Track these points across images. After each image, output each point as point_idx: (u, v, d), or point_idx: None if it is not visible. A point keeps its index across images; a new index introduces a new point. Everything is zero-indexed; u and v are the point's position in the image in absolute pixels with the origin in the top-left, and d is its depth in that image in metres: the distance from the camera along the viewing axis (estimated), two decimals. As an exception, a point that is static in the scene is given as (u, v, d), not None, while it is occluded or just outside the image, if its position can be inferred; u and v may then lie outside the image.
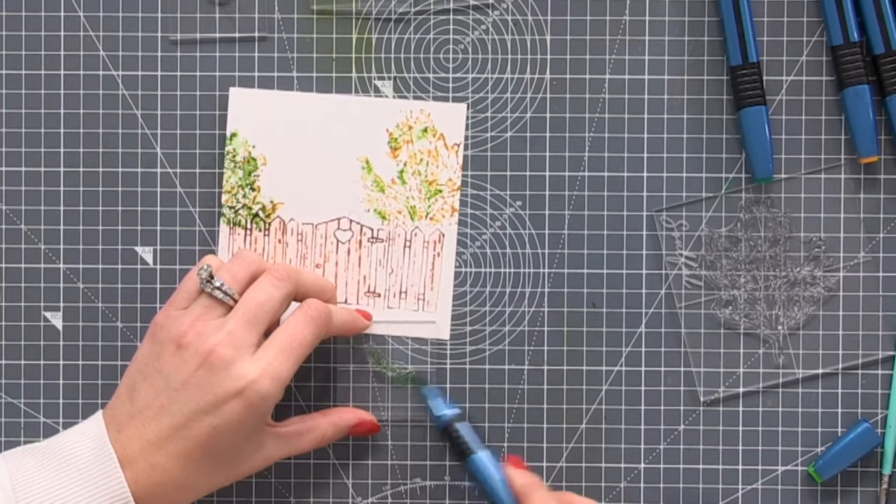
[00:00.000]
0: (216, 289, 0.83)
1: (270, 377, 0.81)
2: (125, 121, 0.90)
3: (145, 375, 0.82)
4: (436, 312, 0.90)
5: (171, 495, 0.81)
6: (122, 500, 0.79)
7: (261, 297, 0.83)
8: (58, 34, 0.90)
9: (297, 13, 0.90)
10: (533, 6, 0.90)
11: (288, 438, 0.86)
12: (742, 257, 0.90)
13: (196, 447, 0.81)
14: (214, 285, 0.83)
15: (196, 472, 0.81)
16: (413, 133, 0.90)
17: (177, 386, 0.81)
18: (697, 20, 0.90)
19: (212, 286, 0.83)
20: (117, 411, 0.82)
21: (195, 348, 0.81)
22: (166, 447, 0.80)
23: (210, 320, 0.82)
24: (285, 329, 0.83)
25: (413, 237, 0.90)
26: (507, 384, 0.91)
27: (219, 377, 0.80)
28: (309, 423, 0.87)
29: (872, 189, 0.90)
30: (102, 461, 0.80)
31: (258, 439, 0.84)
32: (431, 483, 0.91)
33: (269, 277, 0.84)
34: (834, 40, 0.89)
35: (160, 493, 0.80)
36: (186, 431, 0.81)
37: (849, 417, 0.90)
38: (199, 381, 0.81)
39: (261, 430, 0.84)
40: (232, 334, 0.82)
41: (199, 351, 0.81)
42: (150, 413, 0.81)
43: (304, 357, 0.83)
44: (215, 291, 0.83)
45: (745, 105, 0.89)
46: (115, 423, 0.82)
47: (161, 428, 0.81)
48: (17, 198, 0.90)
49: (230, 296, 0.83)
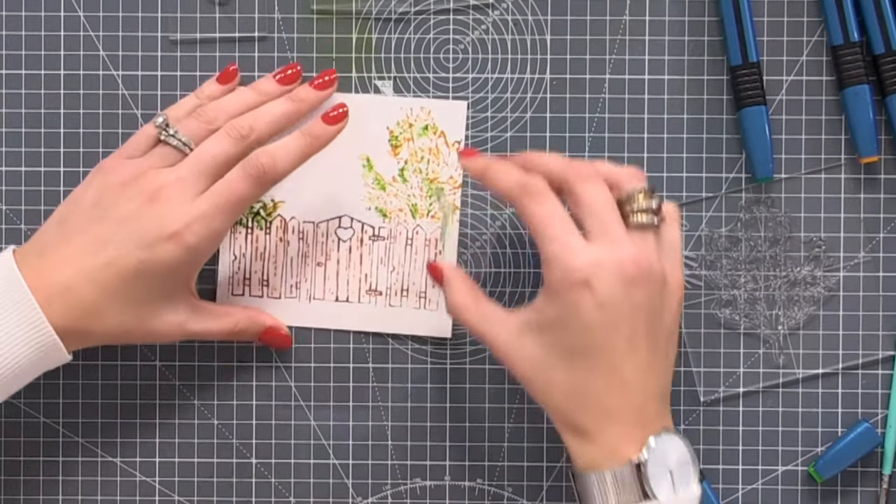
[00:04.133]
0: (171, 136, 0.84)
1: (203, 226, 0.82)
2: (125, 121, 0.90)
3: (80, 207, 0.83)
4: (438, 310, 0.90)
5: (82, 320, 0.81)
6: (34, 322, 0.80)
7: (216, 150, 0.84)
8: (58, 34, 0.90)
9: (297, 13, 0.90)
10: (533, 6, 0.90)
11: (203, 313, 0.86)
12: (742, 257, 0.90)
13: (118, 277, 0.81)
14: (170, 133, 0.84)
15: (110, 304, 0.82)
16: (414, 131, 0.90)
17: (114, 218, 0.82)
18: (697, 20, 0.90)
19: (167, 133, 0.84)
20: (42, 237, 0.83)
21: (141, 187, 0.82)
22: (89, 272, 0.81)
23: (162, 168, 0.84)
24: (223, 183, 0.83)
25: (414, 235, 0.90)
26: (507, 384, 0.91)
27: (157, 214, 0.82)
28: (226, 308, 0.88)
29: (872, 189, 0.90)
30: (12, 286, 0.80)
31: (176, 299, 0.85)
32: (431, 483, 0.91)
33: (228, 133, 0.84)
34: (834, 40, 0.89)
35: (73, 318, 0.81)
36: (113, 261, 0.81)
37: (849, 417, 0.90)
38: (138, 216, 0.82)
39: (181, 291, 0.85)
40: (181, 179, 0.83)
41: (145, 190, 0.82)
42: (79, 239, 0.82)
43: (240, 212, 0.84)
44: (170, 139, 0.84)
45: (745, 105, 0.89)
46: (38, 247, 0.83)
47: (86, 254, 0.81)
48: (17, 198, 0.90)
49: (187, 145, 0.84)
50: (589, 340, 0.78)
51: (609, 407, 0.79)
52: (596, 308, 0.78)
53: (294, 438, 0.91)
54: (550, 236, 0.79)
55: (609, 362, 0.79)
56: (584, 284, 0.78)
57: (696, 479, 0.80)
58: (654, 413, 0.80)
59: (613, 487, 0.78)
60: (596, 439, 0.79)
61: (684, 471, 0.79)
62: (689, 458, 0.79)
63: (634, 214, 0.81)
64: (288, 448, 0.91)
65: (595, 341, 0.78)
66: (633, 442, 0.78)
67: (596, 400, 0.79)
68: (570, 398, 0.80)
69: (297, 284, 0.90)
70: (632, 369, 0.79)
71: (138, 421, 0.91)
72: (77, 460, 0.91)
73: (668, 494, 0.78)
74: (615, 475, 0.78)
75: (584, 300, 0.78)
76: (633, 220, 0.81)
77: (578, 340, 0.79)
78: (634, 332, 0.79)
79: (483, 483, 0.91)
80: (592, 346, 0.79)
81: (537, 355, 0.80)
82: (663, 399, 0.81)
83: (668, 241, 0.82)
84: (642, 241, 0.80)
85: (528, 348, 0.80)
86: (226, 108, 0.85)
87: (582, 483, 0.79)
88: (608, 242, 0.79)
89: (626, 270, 0.78)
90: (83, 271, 0.81)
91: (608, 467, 0.78)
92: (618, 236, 0.79)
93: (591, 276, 0.78)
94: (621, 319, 0.78)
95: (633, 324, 0.79)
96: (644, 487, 0.78)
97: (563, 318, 0.79)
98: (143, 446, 0.91)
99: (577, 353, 0.79)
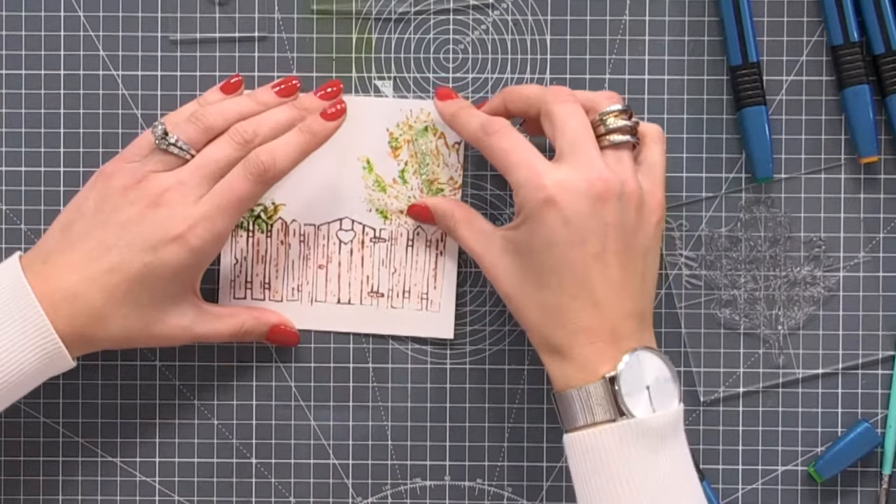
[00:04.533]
0: (172, 145, 0.84)
1: (207, 228, 0.82)
2: (125, 121, 0.90)
3: (83, 214, 0.84)
4: (440, 311, 0.90)
5: (88, 326, 0.81)
6: (39, 329, 0.80)
7: (219, 154, 0.84)
8: (58, 34, 0.90)
9: (297, 13, 0.90)
10: (533, 6, 0.90)
11: (208, 315, 0.87)
12: (742, 257, 0.90)
13: (124, 281, 0.82)
14: (170, 141, 0.84)
15: (116, 309, 0.82)
16: (414, 132, 0.90)
17: (117, 223, 0.82)
18: (697, 20, 0.90)
19: (167, 142, 0.84)
20: (46, 244, 0.84)
21: (143, 191, 0.83)
22: (94, 277, 0.81)
23: (163, 172, 0.84)
24: (224, 183, 0.84)
25: (415, 237, 0.90)
26: (507, 384, 0.91)
27: (160, 218, 0.82)
28: (231, 310, 0.88)
29: (872, 189, 0.90)
30: (18, 293, 0.80)
31: (181, 303, 0.85)
32: (431, 483, 0.91)
33: (232, 138, 0.85)
34: (834, 40, 0.89)
35: (78, 324, 0.81)
36: (117, 266, 0.82)
37: (849, 417, 0.91)
38: (141, 220, 0.82)
39: (185, 295, 0.85)
40: (183, 182, 0.83)
41: (147, 194, 0.83)
42: (83, 246, 0.82)
43: (242, 212, 0.84)
44: (171, 147, 0.84)
45: (745, 105, 0.89)
46: (42, 254, 0.83)
47: (92, 259, 0.82)
48: (17, 198, 0.90)
49: (186, 150, 0.84)
50: (558, 257, 0.79)
51: (581, 325, 0.79)
52: (561, 224, 0.79)
53: (294, 438, 0.91)
54: (516, 163, 0.81)
55: (578, 280, 0.79)
56: (550, 202, 0.79)
57: (678, 396, 0.80)
58: (629, 331, 0.80)
59: (588, 404, 0.78)
60: (570, 357, 0.79)
61: (664, 388, 0.79)
62: (668, 376, 0.80)
63: (609, 134, 0.81)
64: (288, 448, 0.91)
65: (564, 258, 0.79)
66: (607, 360, 0.79)
67: (568, 318, 0.79)
68: (544, 316, 0.80)
69: (299, 287, 0.90)
70: (603, 287, 0.79)
71: (138, 421, 0.91)
72: (77, 460, 0.91)
73: (645, 411, 0.78)
74: (588, 391, 0.78)
75: (550, 217, 0.79)
76: (607, 139, 0.81)
77: (548, 258, 0.80)
78: (604, 248, 0.79)
79: (483, 483, 0.91)
80: (562, 263, 0.79)
81: (514, 274, 0.82)
82: (641, 319, 0.81)
83: (647, 160, 0.83)
84: (615, 161, 0.81)
85: (507, 266, 0.82)
86: (224, 114, 0.85)
87: (560, 403, 0.80)
88: (577, 162, 0.80)
89: (594, 188, 0.79)
90: (88, 277, 0.81)
91: (582, 384, 0.78)
92: (588, 155, 0.80)
93: (557, 194, 0.79)
94: (589, 235, 0.79)
95: (603, 241, 0.79)
96: (619, 404, 0.78)
97: (533, 237, 0.80)
98: (143, 446, 0.91)
99: (548, 272, 0.80)
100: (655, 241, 0.82)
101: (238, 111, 0.86)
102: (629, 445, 0.77)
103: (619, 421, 0.78)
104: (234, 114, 0.86)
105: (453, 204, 0.87)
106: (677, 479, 0.78)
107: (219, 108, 0.86)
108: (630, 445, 0.77)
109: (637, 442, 0.77)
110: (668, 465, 0.78)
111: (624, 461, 0.77)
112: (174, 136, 0.84)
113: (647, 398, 0.78)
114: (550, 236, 0.79)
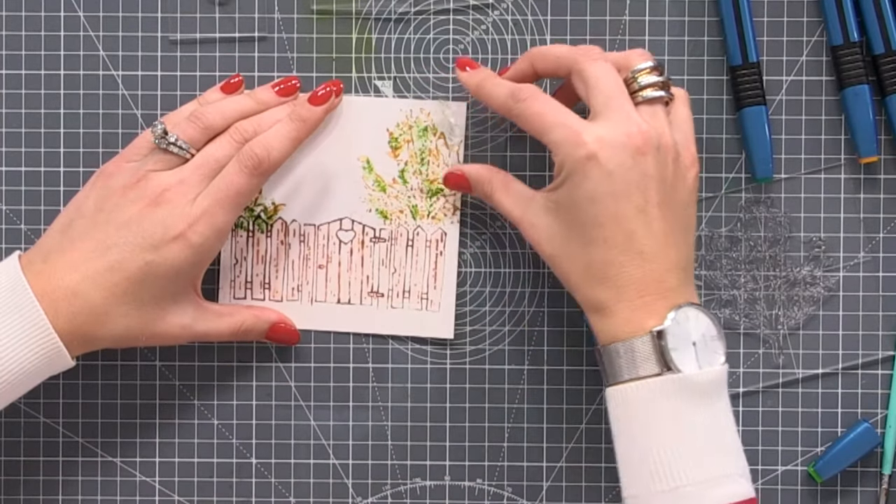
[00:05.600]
0: (171, 144, 0.84)
1: (207, 224, 0.83)
2: (125, 121, 0.90)
3: (83, 213, 0.84)
4: (440, 311, 0.90)
5: (88, 325, 0.81)
6: (39, 328, 0.80)
7: (219, 154, 0.85)
8: (58, 34, 0.90)
9: (297, 13, 0.90)
10: (533, 6, 0.90)
11: (208, 314, 0.87)
12: (742, 257, 0.91)
13: (124, 280, 0.82)
14: (170, 141, 0.84)
15: (117, 306, 0.82)
16: (413, 132, 0.90)
17: (117, 222, 0.83)
18: (697, 20, 0.90)
19: (167, 142, 0.84)
20: (46, 244, 0.84)
21: (143, 190, 0.83)
22: (94, 276, 0.82)
23: (163, 171, 0.84)
24: (221, 178, 0.84)
25: (415, 236, 0.90)
26: (507, 384, 0.91)
27: (160, 217, 0.82)
28: (231, 308, 0.89)
29: (872, 189, 0.90)
30: (18, 292, 0.80)
31: (181, 301, 0.85)
32: (431, 483, 0.91)
33: (233, 137, 0.85)
34: (834, 40, 0.89)
35: (78, 323, 0.81)
36: (118, 265, 0.82)
37: (849, 417, 0.91)
38: (141, 219, 0.82)
39: (186, 293, 0.85)
40: (183, 181, 0.84)
41: (147, 193, 0.83)
42: (83, 245, 0.82)
43: (241, 206, 0.85)
44: (171, 147, 0.84)
45: (745, 105, 0.89)
46: (42, 253, 0.83)
47: (92, 258, 0.82)
48: (17, 198, 0.90)
49: (186, 150, 0.85)
50: (602, 211, 0.79)
51: (629, 277, 0.79)
52: (604, 178, 0.79)
53: (294, 438, 0.91)
54: (552, 123, 0.81)
55: (624, 232, 0.79)
56: (592, 158, 0.79)
57: (724, 354, 0.79)
58: (675, 284, 0.79)
59: (634, 358, 0.78)
60: (616, 312, 0.79)
61: (710, 346, 0.79)
62: (715, 333, 0.79)
63: (643, 90, 0.82)
64: (288, 448, 0.91)
65: (608, 211, 0.79)
66: (654, 313, 0.78)
67: (614, 272, 0.79)
68: (589, 273, 0.80)
69: (299, 287, 0.90)
70: (647, 239, 0.79)
71: (138, 421, 0.91)
72: (77, 460, 0.91)
73: (692, 368, 0.78)
74: (634, 345, 0.78)
75: (592, 172, 0.79)
76: (640, 95, 0.81)
77: (592, 213, 0.79)
78: (646, 201, 0.79)
79: (483, 483, 0.91)
80: (605, 216, 0.79)
81: (557, 233, 0.81)
82: (685, 272, 0.81)
83: (678, 118, 0.83)
84: (651, 115, 0.81)
85: (548, 226, 0.82)
86: (224, 113, 0.86)
87: (605, 356, 0.79)
88: (613, 117, 0.80)
89: (633, 141, 0.79)
90: (89, 276, 0.81)
91: (629, 338, 0.78)
92: (623, 110, 0.80)
93: (598, 149, 0.79)
94: (632, 188, 0.79)
95: (645, 193, 0.79)
96: (665, 359, 0.78)
97: (576, 194, 0.80)
98: (143, 446, 0.91)
99: (592, 227, 0.79)
100: (693, 195, 0.82)
101: (238, 110, 0.86)
102: (674, 399, 0.77)
103: (665, 375, 0.77)
104: (233, 113, 0.86)
105: (490, 170, 0.87)
106: (720, 434, 0.78)
107: (218, 107, 0.86)
108: (675, 400, 0.77)
109: (682, 396, 0.77)
110: (710, 420, 0.78)
111: (669, 415, 0.77)
112: (174, 136, 0.84)
113: (694, 354, 0.78)
114: (594, 191, 0.79)
